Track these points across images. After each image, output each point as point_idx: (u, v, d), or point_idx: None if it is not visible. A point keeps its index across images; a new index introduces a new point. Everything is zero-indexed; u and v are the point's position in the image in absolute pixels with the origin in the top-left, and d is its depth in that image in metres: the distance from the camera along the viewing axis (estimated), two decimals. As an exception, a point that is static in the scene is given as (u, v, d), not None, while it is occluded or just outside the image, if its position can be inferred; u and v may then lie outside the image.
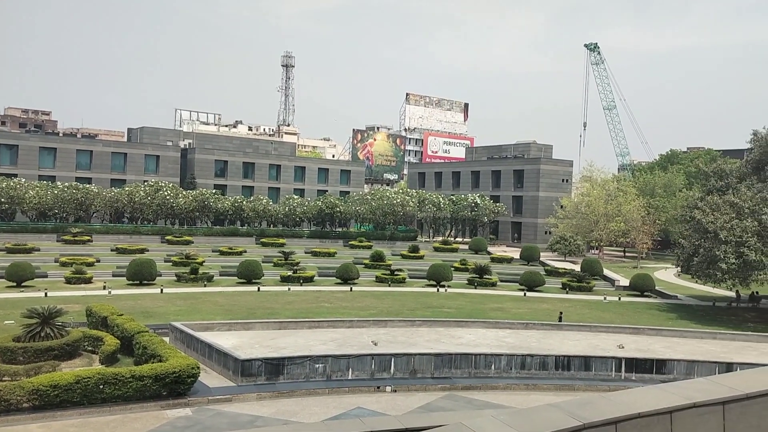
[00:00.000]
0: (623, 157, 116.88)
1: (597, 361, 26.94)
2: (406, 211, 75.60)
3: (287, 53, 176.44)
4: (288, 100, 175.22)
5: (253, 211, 71.26)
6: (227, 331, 30.46)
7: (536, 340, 31.79)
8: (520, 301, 46.33)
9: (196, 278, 48.02)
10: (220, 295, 43.08)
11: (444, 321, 35.23)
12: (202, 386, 22.49)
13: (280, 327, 31.79)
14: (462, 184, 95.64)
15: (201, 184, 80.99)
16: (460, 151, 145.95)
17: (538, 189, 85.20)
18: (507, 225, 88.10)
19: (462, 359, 25.79)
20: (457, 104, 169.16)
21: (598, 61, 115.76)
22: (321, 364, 24.11)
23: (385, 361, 24.94)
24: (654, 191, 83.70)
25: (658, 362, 27.39)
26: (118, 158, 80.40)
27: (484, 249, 70.91)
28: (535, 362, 26.39)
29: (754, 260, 39.31)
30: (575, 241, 69.81)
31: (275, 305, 39.88)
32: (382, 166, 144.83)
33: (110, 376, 20.45)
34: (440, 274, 51.64)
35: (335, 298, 43.86)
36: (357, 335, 30.77)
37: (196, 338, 26.92)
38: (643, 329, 35.76)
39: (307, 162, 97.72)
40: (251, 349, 26.88)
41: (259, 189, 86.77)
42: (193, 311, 36.49)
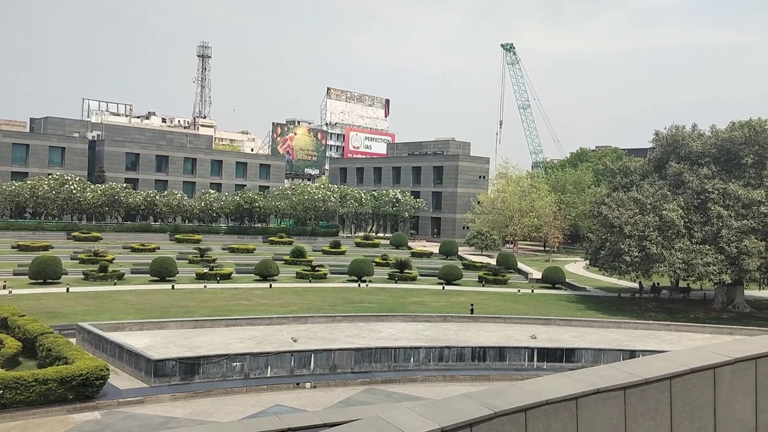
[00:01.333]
0: (536, 154, 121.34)
1: (511, 352, 27.89)
2: (327, 206, 75.31)
3: (203, 43, 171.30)
4: (204, 91, 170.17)
5: (166, 206, 68.79)
6: (139, 331, 29.31)
7: (454, 333, 32.53)
8: (439, 294, 47.24)
9: (106, 276, 45.86)
10: (132, 294, 41.36)
11: (365, 316, 35.40)
12: (112, 388, 21.56)
13: (195, 326, 30.91)
14: (383, 180, 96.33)
15: (111, 178, 77.33)
16: (381, 147, 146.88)
17: (456, 185, 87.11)
18: (427, 220, 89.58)
19: (382, 353, 26.01)
20: (378, 100, 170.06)
21: (514, 61, 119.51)
22: (238, 363, 23.64)
23: (305, 357, 24.78)
24: (565, 188, 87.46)
25: (568, 351, 28.69)
26: (19, 150, 75.46)
27: (405, 244, 71.79)
28: (453, 354, 27.00)
29: (655, 253, 41.90)
30: (491, 236, 71.91)
31: (190, 303, 38.73)
32: (303, 161, 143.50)
33: (11, 381, 19.23)
34: (361, 269, 51.83)
35: (254, 295, 43.11)
36: (276, 332, 30.39)
37: (105, 339, 25.75)
38: (554, 320, 37.37)
39: (224, 156, 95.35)
40: (165, 348, 25.98)
41: (173, 183, 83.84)
42: (102, 311, 34.86)
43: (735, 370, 6.30)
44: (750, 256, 40.02)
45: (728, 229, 41.07)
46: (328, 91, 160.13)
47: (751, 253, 40.02)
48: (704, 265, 40.78)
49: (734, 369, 6.29)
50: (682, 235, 42.44)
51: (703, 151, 45.72)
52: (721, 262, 40.96)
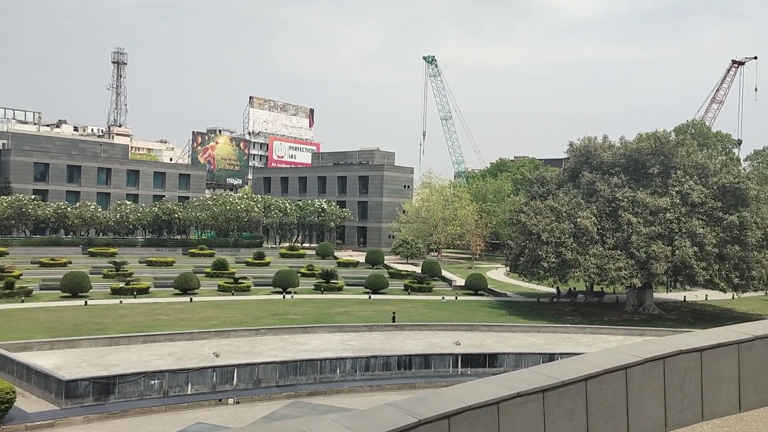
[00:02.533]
0: (459, 164, 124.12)
1: (436, 359, 28.23)
2: (251, 216, 73.91)
3: (118, 49, 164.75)
4: (120, 99, 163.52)
5: (79, 219, 65.44)
6: (49, 350, 27.67)
7: (380, 342, 32.60)
8: (365, 304, 47.25)
9: (12, 293, 43.01)
10: (41, 311, 38.97)
11: (290, 328, 34.92)
12: (19, 412, 20.20)
13: (110, 343, 29.52)
14: (309, 190, 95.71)
15: (17, 189, 72.81)
16: (306, 157, 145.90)
17: (382, 195, 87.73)
18: (353, 230, 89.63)
19: (307, 365, 25.70)
20: (302, 110, 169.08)
21: (436, 73, 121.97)
22: (157, 380, 22.72)
23: (228, 372, 24.13)
24: (486, 197, 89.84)
25: (491, 356, 29.36)
26: None
27: (331, 254, 71.46)
28: (379, 363, 27.04)
29: (570, 259, 43.66)
30: (416, 245, 72.80)
31: (105, 320, 36.91)
32: (225, 171, 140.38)
33: None
34: (286, 280, 51.12)
35: (173, 309, 41.61)
36: (197, 348, 29.45)
37: (11, 359, 24.14)
38: (477, 326, 38.19)
39: (141, 165, 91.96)
40: (77, 368, 24.62)
41: (86, 194, 79.95)
42: (8, 330, 32.62)
43: (645, 369, 6.60)
44: (658, 260, 42.37)
45: (637, 235, 43.37)
46: (250, 100, 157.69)
47: (658, 257, 42.39)
48: (616, 269, 42.84)
49: (644, 369, 6.59)
50: (595, 242, 44.45)
51: (614, 161, 48.15)
52: (632, 267, 43.17)
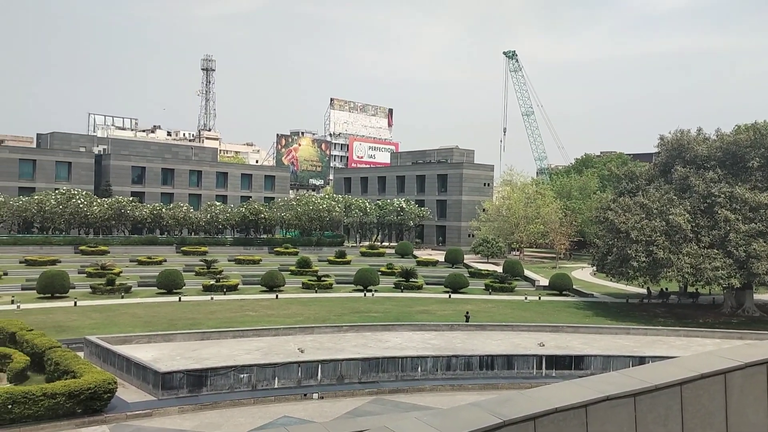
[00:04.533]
0: (541, 161, 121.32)
1: (519, 359, 27.73)
2: (332, 216, 75.35)
3: (207, 56, 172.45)
4: (209, 104, 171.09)
5: (173, 219, 68.99)
6: (147, 344, 29.31)
7: (461, 341, 32.39)
8: (445, 303, 47.09)
9: (113, 290, 45.96)
10: (139, 307, 41.40)
11: (371, 325, 35.30)
12: (120, 402, 21.54)
13: (202, 338, 30.89)
14: (388, 189, 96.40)
15: (117, 192, 77.67)
16: (385, 156, 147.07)
17: (461, 193, 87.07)
18: (432, 229, 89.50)
19: (389, 363, 25.90)
20: (381, 110, 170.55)
21: (516, 68, 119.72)
22: (246, 374, 23.58)
23: (312, 368, 24.71)
24: (570, 194, 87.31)
25: (577, 358, 28.50)
26: (26, 165, 75.95)
27: (410, 253, 71.69)
28: (460, 363, 26.87)
29: (662, 258, 41.67)
30: (497, 243, 71.77)
31: (197, 315, 38.73)
32: (307, 172, 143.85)
33: (19, 395, 19.23)
34: (367, 278, 51.76)
35: (260, 306, 43.08)
36: (283, 343, 30.32)
37: (113, 352, 25.76)
38: (562, 327, 37.16)
39: (229, 167, 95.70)
40: (172, 361, 25.95)
41: (179, 196, 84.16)
42: (109, 324, 34.89)
43: (746, 375, 6.23)
44: (759, 259, 39.75)
45: (736, 233, 40.83)
46: (331, 102, 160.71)
47: (759, 256, 39.76)
48: (713, 269, 40.52)
49: (745, 374, 6.23)
50: (689, 240, 42.21)
51: (709, 155, 45.55)
52: (730, 267, 40.70)
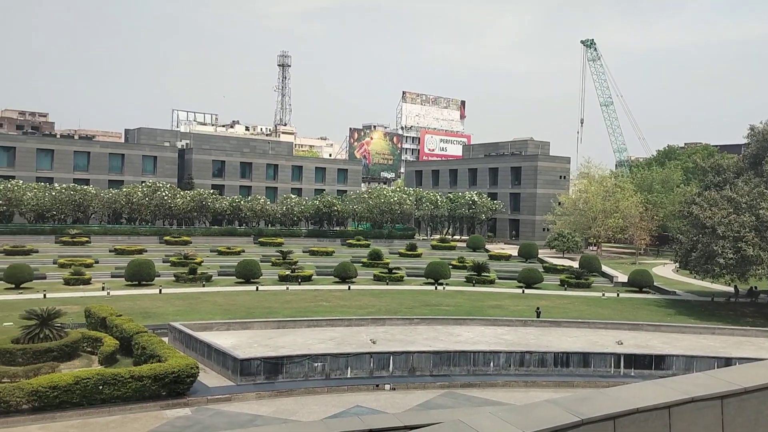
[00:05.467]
0: (621, 153, 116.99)
1: (596, 358, 26.98)
2: (403, 209, 75.59)
3: (283, 53, 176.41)
4: (285, 99, 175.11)
5: (250, 211, 71.24)
6: (226, 331, 30.45)
7: (535, 337, 31.83)
8: (518, 298, 46.37)
9: (195, 278, 48.00)
10: (219, 295, 43.05)
11: (442, 319, 35.25)
12: (201, 386, 22.48)
13: (278, 326, 31.78)
14: (459, 182, 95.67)
15: (199, 185, 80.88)
16: (457, 149, 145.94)
17: (535, 186, 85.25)
18: (505, 222, 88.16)
19: (461, 357, 25.80)
20: (453, 102, 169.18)
21: (595, 57, 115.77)
22: (320, 363, 24.10)
23: (384, 359, 24.95)
24: (652, 187, 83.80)
25: (657, 358, 27.43)
26: (115, 159, 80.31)
27: (482, 246, 70.96)
28: (534, 359, 26.42)
29: (751, 255, 39.36)
30: (573, 238, 69.88)
31: (274, 304, 39.87)
32: (379, 165, 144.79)
33: (109, 377, 20.42)
34: (438, 272, 51.66)
35: (333, 296, 43.87)
36: (355, 334, 30.77)
37: (195, 338, 26.89)
38: (642, 325, 35.82)
39: (304, 161, 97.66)
40: (250, 348, 26.87)
41: (256, 189, 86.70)
42: (191, 311, 36.47)
43: None
44: None
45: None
46: (403, 95, 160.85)
47: None
48: (808, 267, 37.91)
49: None
50: (782, 236, 39.65)
51: (806, 146, 42.56)
52: (828, 265, 37.95)
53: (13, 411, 18.93)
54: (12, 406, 18.93)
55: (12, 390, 19.12)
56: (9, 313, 33.30)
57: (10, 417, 18.71)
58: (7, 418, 18.61)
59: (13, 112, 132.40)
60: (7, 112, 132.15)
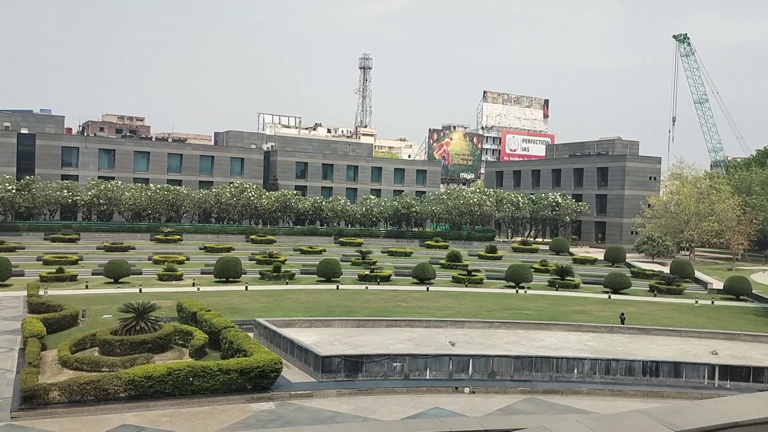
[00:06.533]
0: (716, 153, 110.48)
1: (688, 367, 25.63)
2: (483, 210, 74.70)
3: (364, 55, 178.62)
4: (365, 101, 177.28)
5: (331, 211, 72.61)
6: (308, 328, 31.16)
7: (622, 345, 30.63)
8: (604, 303, 44.77)
9: (279, 276, 49.44)
10: (301, 293, 44.13)
11: (523, 323, 34.55)
12: (284, 381, 23.10)
13: (358, 325, 32.20)
14: (542, 183, 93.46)
15: (283, 185, 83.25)
16: (539, 149, 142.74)
17: (623, 187, 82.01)
18: (590, 225, 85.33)
19: (543, 362, 25.20)
20: (536, 101, 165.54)
21: (688, 52, 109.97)
22: (399, 363, 24.21)
23: (463, 362, 24.74)
24: (750, 189, 78.64)
25: (756, 370, 25.73)
26: (205, 161, 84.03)
27: (566, 250, 69.01)
28: (621, 367, 25.42)
29: None
30: (664, 242, 66.71)
31: (353, 303, 40.43)
32: (458, 166, 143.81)
33: (199, 369, 21.38)
34: (519, 275, 50.69)
35: (412, 297, 43.96)
36: (434, 335, 30.70)
37: (278, 334, 27.67)
38: (739, 335, 33.69)
39: (383, 162, 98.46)
40: (331, 345, 27.36)
41: (337, 189, 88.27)
42: (275, 308, 37.58)
43: None
44: None
45: None
46: (484, 95, 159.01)
47: None
48: None
49: None
50: None
51: None
52: None
53: (111, 398, 20.20)
54: (110, 393, 20.20)
55: (111, 379, 20.40)
56: (108, 306, 35.56)
57: (108, 404, 19.97)
58: (106, 405, 19.87)
59: (113, 117, 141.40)
60: (108, 116, 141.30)
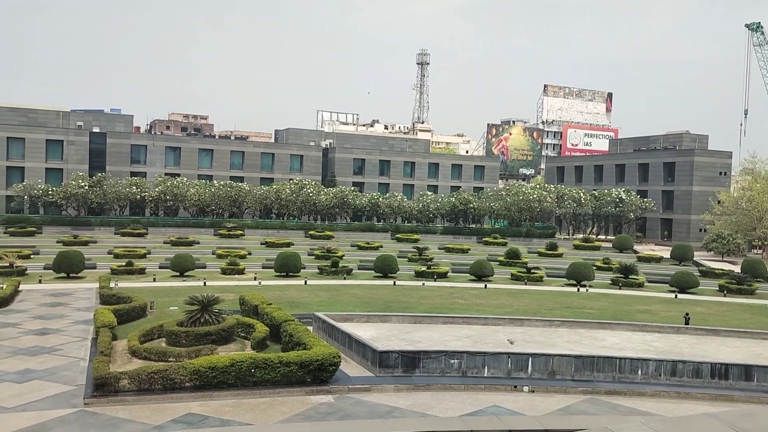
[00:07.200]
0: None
1: (760, 371, 24.44)
2: (543, 207, 73.32)
3: (422, 51, 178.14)
4: (423, 97, 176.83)
5: (388, 208, 72.87)
6: (365, 323, 31.41)
7: (689, 346, 29.51)
8: (670, 303, 43.23)
9: (337, 271, 50.04)
10: (359, 288, 44.53)
11: (585, 322, 33.76)
12: (343, 375, 23.35)
13: (415, 321, 32.22)
14: (605, 179, 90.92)
15: (340, 182, 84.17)
16: (602, 144, 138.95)
17: (691, 183, 78.83)
18: (655, 222, 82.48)
19: (605, 362, 24.56)
20: (599, 94, 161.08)
21: (762, 42, 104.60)
22: (456, 360, 24.10)
23: (522, 360, 24.40)
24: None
25: (838, 377, 24.26)
26: (266, 158, 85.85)
27: (630, 247, 66.99)
28: (688, 369, 24.49)
29: None
30: (734, 240, 63.80)
31: (410, 299, 40.49)
32: (517, 161, 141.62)
33: (261, 361, 21.89)
34: (581, 273, 49.55)
35: (469, 294, 43.65)
36: (492, 333, 30.40)
37: (337, 328, 27.99)
38: (819, 339, 31.84)
39: (440, 158, 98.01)
40: (388, 341, 27.49)
41: (394, 186, 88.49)
42: (333, 302, 38.06)
43: None
44: None
45: None
46: (544, 89, 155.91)
47: None
48: None
49: None
50: None
51: None
52: None
53: (177, 388, 20.96)
54: (176, 383, 20.96)
55: (177, 369, 21.16)
56: (174, 298, 36.88)
57: (174, 393, 20.72)
58: (173, 394, 20.63)
59: (178, 116, 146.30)
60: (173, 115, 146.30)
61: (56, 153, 74.74)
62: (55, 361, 24.45)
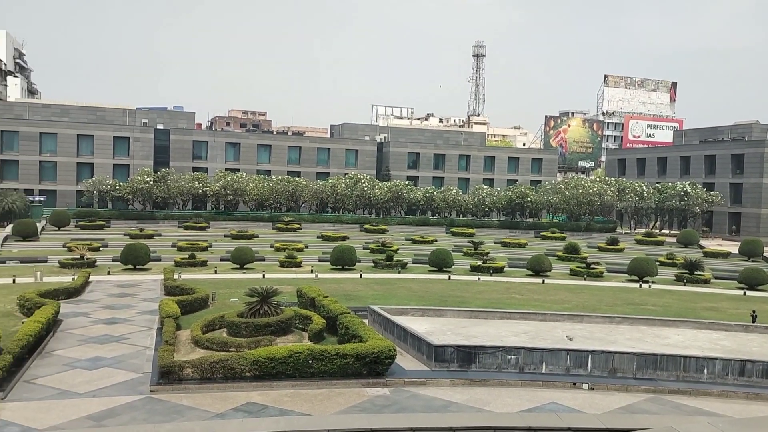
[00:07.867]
0: None
1: (838, 374, 23.13)
2: (603, 200, 71.42)
3: (478, 43, 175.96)
4: (478, 90, 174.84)
5: (443, 202, 72.56)
6: (420, 317, 31.41)
7: (758, 345, 28.22)
8: (738, 300, 41.43)
9: (391, 265, 50.23)
10: (413, 282, 44.56)
11: (647, 319, 32.75)
12: (398, 368, 23.46)
13: (470, 316, 31.99)
14: (669, 171, 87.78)
15: (395, 176, 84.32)
16: (666, 135, 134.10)
17: (761, 175, 75.18)
18: (723, 216, 79.10)
19: (669, 361, 23.78)
20: (663, 84, 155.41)
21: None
22: (513, 356, 23.83)
23: (582, 357, 23.90)
24: None
25: None
26: (322, 153, 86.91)
27: (695, 242, 64.51)
28: (758, 369, 23.43)
29: None
30: (810, 235, 60.44)
31: (465, 294, 40.24)
32: (576, 154, 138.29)
33: (318, 353, 22.26)
34: (643, 268, 48.06)
35: (526, 289, 43.02)
36: (550, 329, 29.89)
37: (392, 322, 28.11)
38: None
39: (496, 151, 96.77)
40: (443, 335, 27.42)
41: (449, 179, 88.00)
42: (388, 296, 38.23)
43: None
44: None
45: None
46: (605, 79, 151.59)
47: None
48: None
49: None
50: None
51: None
52: None
53: (238, 377, 21.55)
54: (237, 372, 21.56)
55: (238, 359, 21.75)
56: (235, 290, 37.87)
57: (235, 382, 21.33)
58: (233, 383, 21.23)
59: (237, 112, 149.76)
60: (233, 112, 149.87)
61: (123, 149, 77.92)
62: (123, 349, 25.53)
